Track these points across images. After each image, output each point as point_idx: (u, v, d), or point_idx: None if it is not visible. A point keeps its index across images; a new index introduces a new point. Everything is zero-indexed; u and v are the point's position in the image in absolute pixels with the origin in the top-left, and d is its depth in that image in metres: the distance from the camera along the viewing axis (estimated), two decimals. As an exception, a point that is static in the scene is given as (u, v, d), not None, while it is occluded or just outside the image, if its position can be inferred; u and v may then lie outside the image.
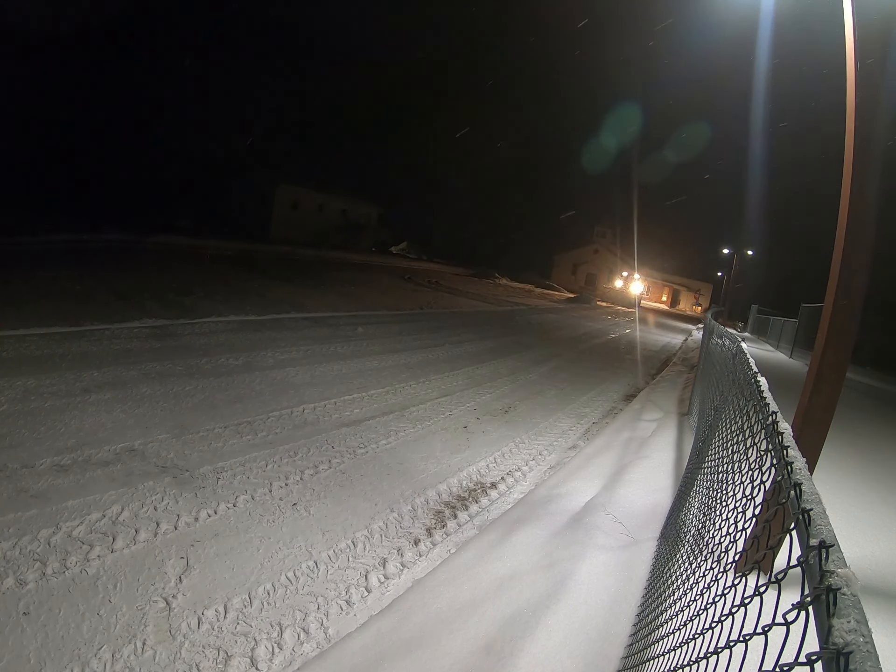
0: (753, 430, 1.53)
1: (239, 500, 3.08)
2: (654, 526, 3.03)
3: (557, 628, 2.12)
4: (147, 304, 7.56)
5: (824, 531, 0.67)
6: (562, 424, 5.76)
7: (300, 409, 4.65)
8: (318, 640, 2.19)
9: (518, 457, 4.62)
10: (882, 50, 2.12)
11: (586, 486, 3.80)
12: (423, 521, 3.29)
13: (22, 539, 2.43)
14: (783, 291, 30.83)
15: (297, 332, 7.60)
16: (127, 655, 1.95)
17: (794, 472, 0.88)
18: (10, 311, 5.88)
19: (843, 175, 2.23)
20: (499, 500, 3.76)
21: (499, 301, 19.46)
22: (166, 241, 16.71)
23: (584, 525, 3.06)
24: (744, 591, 0.91)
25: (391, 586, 2.62)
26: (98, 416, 3.80)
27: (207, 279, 11.07)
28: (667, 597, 1.77)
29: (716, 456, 2.15)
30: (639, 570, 2.56)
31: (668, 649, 1.38)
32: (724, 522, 1.43)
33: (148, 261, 12.45)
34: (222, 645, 2.08)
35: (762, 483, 1.24)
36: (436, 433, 4.76)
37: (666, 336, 19.11)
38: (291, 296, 10.81)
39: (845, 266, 2.21)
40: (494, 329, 12.09)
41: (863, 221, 2.19)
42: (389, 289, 16.09)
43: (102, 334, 5.74)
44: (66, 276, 8.52)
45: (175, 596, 2.28)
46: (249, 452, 3.67)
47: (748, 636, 0.81)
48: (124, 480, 3.06)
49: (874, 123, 2.14)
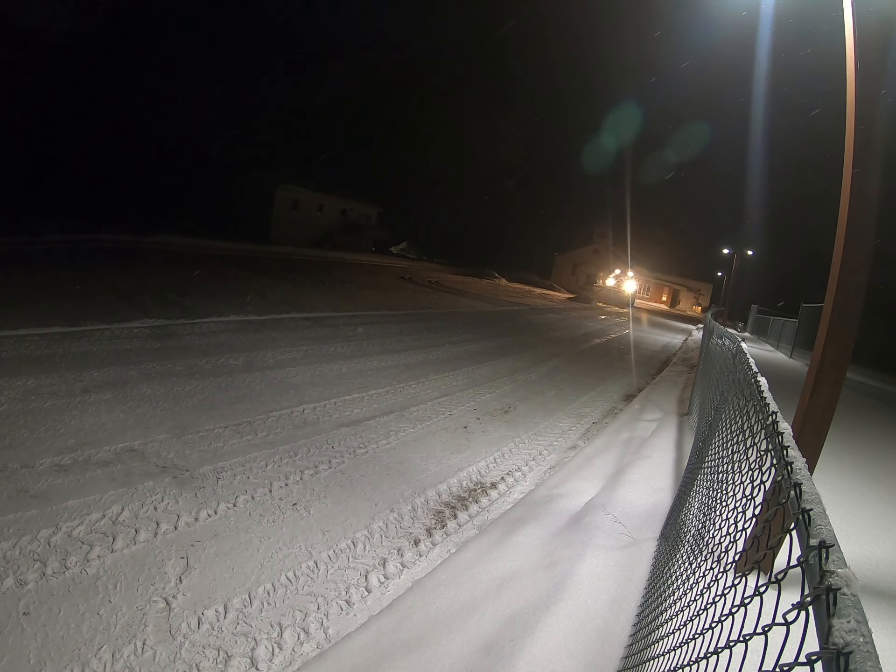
0: (753, 430, 1.53)
1: (239, 501, 3.08)
2: (654, 526, 3.03)
3: (557, 628, 2.12)
4: (147, 304, 7.56)
5: (824, 531, 0.67)
6: (562, 424, 5.76)
7: (300, 409, 4.65)
8: (318, 640, 2.19)
9: (518, 457, 4.62)
10: (882, 50, 2.12)
11: (586, 486, 3.80)
12: (423, 521, 3.29)
13: (22, 539, 2.43)
14: (783, 291, 30.83)
15: (297, 332, 7.60)
16: (127, 655, 1.95)
17: (794, 472, 0.88)
18: (10, 311, 5.88)
19: (843, 175, 2.23)
20: (499, 500, 3.76)
21: (499, 301, 19.46)
22: (167, 241, 16.70)
23: (584, 525, 3.05)
24: (744, 591, 0.91)
25: (391, 586, 2.62)
26: (98, 416, 3.80)
27: (208, 279, 11.07)
28: (667, 597, 1.77)
29: (716, 456, 2.15)
30: (639, 570, 2.56)
31: (668, 649, 1.38)
32: (724, 522, 1.43)
33: (148, 261, 12.45)
34: (222, 645, 2.08)
35: (762, 483, 1.24)
36: (436, 433, 4.76)
37: (665, 336, 19.11)
38: (291, 296, 10.81)
39: (845, 266, 2.21)
40: (494, 329, 12.09)
41: (863, 221, 2.19)
42: (389, 289, 16.10)
43: (102, 334, 5.74)
44: (66, 276, 8.52)
45: (175, 596, 2.28)
46: (249, 452, 3.67)
47: (748, 636, 0.81)
48: (124, 480, 3.06)
49: (874, 123, 2.14)
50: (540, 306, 21.36)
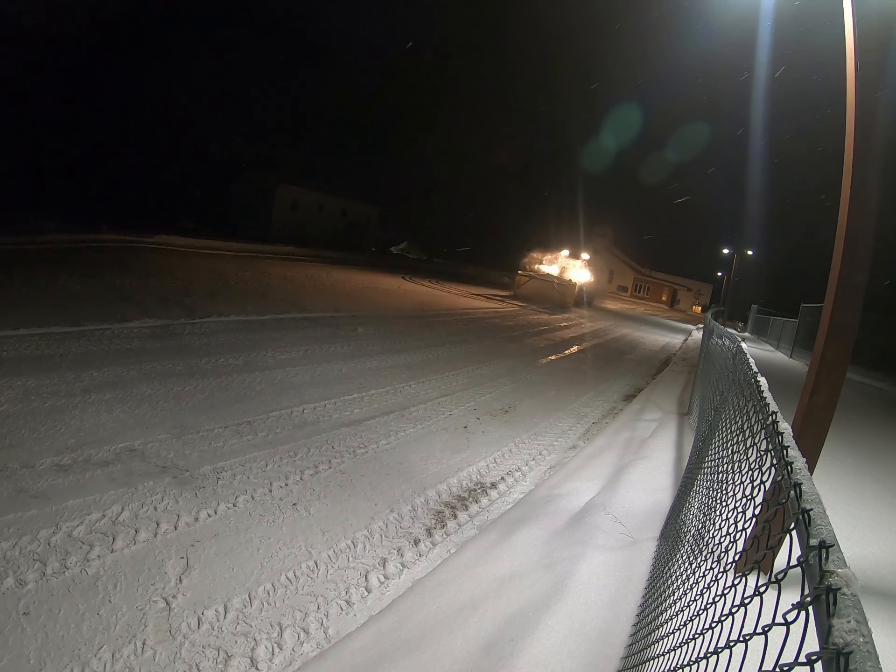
0: (753, 430, 1.53)
1: (239, 500, 3.08)
2: (654, 526, 3.03)
3: (557, 628, 2.12)
4: (147, 304, 7.55)
5: (824, 531, 0.67)
6: (562, 424, 5.76)
7: (300, 409, 4.65)
8: (318, 640, 2.19)
9: (518, 457, 4.62)
10: (882, 50, 2.12)
11: (586, 486, 3.80)
12: (423, 521, 3.29)
13: (22, 539, 2.43)
14: (783, 291, 30.84)
15: (298, 332, 7.59)
16: (127, 655, 1.95)
17: (794, 472, 0.88)
18: (10, 311, 5.88)
19: (843, 174, 2.23)
20: (499, 500, 3.76)
21: (500, 300, 19.44)
22: (167, 240, 16.69)
23: (584, 525, 3.05)
24: (744, 591, 0.91)
25: (391, 586, 2.62)
26: (98, 416, 3.80)
27: (208, 279, 11.07)
28: (667, 597, 1.77)
29: (716, 456, 2.15)
30: (639, 570, 2.56)
31: (668, 649, 1.38)
32: (724, 522, 1.43)
33: (148, 260, 12.44)
34: (222, 645, 2.08)
35: (762, 483, 1.24)
36: (436, 433, 4.76)
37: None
38: (292, 296, 10.80)
39: (845, 265, 2.21)
40: (494, 328, 12.08)
41: (863, 221, 2.19)
42: (389, 289, 16.09)
43: (102, 334, 5.74)
44: (67, 276, 8.51)
45: (175, 596, 2.28)
46: (249, 452, 3.67)
47: (748, 636, 0.81)
48: (124, 480, 3.06)
49: (874, 123, 2.14)
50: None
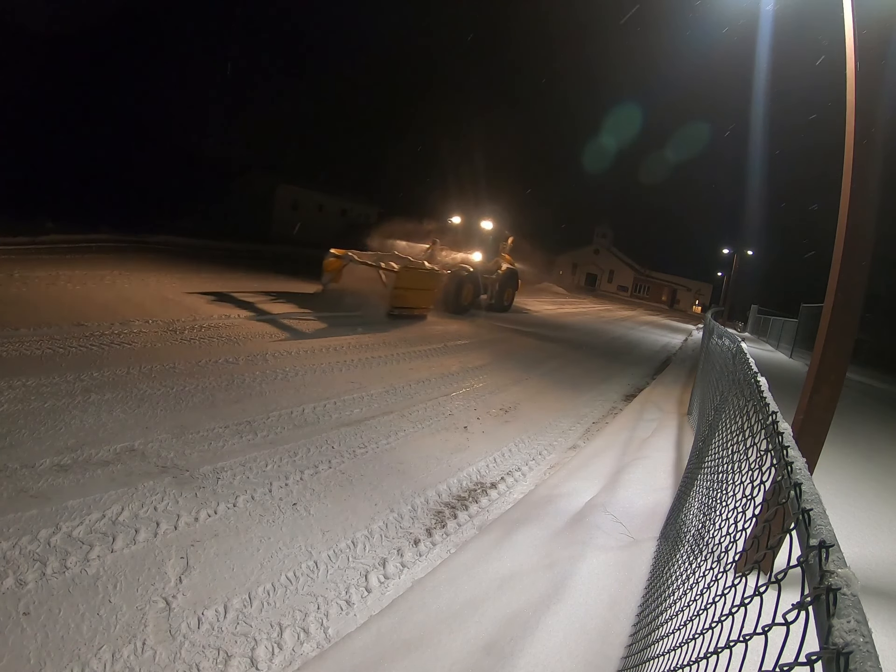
0: (753, 430, 1.53)
1: (239, 500, 3.07)
2: (654, 526, 3.03)
3: (557, 628, 2.12)
4: (147, 304, 7.55)
5: (824, 531, 0.67)
6: (562, 424, 5.76)
7: (300, 409, 4.65)
8: (318, 640, 2.19)
9: (518, 457, 4.62)
10: (882, 50, 2.12)
11: (586, 486, 3.80)
12: (422, 521, 3.29)
13: (22, 539, 2.42)
14: (783, 291, 30.83)
15: (298, 332, 7.59)
16: (127, 655, 1.95)
17: (794, 472, 0.88)
18: (10, 311, 5.88)
19: (843, 174, 2.23)
20: (499, 500, 3.76)
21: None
22: (167, 240, 16.69)
23: (585, 525, 3.06)
24: (744, 591, 0.91)
25: (391, 586, 2.62)
26: (98, 416, 3.80)
27: (209, 278, 11.06)
28: (667, 597, 1.77)
29: (716, 456, 2.15)
30: (639, 570, 2.56)
31: (668, 649, 1.38)
32: (724, 522, 1.43)
33: (148, 260, 12.43)
34: (222, 645, 2.08)
35: (762, 483, 1.24)
36: (436, 433, 4.76)
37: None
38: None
39: (845, 265, 2.21)
40: (494, 328, 12.08)
41: (863, 221, 2.19)
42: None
43: (103, 334, 5.74)
44: (67, 276, 8.51)
45: (175, 596, 2.28)
46: (249, 452, 3.67)
47: (748, 636, 0.81)
48: (124, 480, 3.06)
49: (874, 123, 2.14)
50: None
